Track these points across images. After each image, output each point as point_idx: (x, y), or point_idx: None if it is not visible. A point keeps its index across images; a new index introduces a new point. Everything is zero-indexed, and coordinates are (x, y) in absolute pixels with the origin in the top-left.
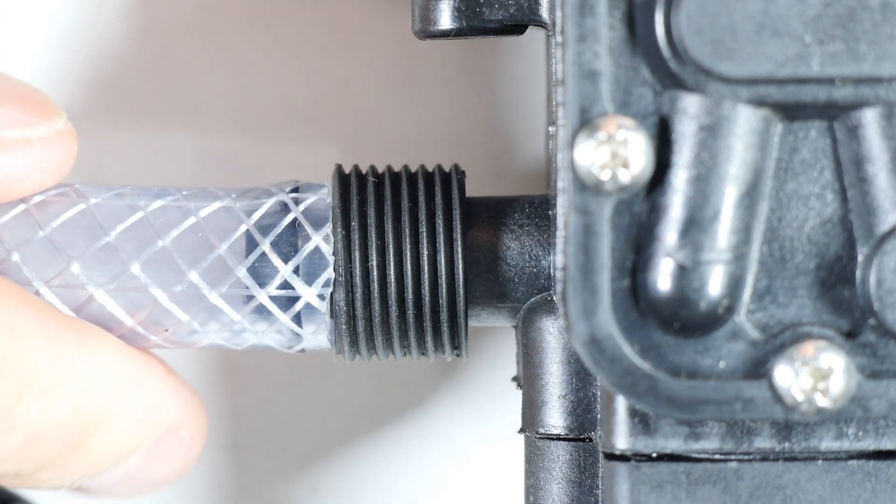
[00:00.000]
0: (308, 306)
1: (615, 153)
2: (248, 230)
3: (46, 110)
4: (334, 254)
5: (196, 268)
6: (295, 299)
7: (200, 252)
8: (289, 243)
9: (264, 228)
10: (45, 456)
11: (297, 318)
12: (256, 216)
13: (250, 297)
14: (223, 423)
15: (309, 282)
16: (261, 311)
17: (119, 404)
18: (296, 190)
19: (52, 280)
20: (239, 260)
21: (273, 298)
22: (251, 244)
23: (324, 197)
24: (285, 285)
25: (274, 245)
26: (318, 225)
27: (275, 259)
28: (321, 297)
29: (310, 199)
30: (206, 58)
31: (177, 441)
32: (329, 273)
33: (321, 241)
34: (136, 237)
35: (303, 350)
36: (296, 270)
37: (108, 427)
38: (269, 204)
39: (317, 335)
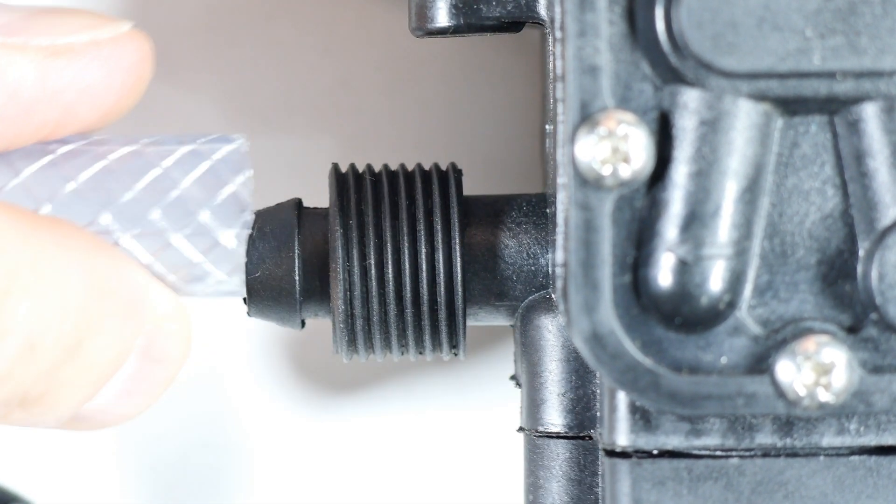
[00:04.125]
0: (223, 248)
1: (616, 148)
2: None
3: (109, 18)
4: (332, 252)
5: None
6: (212, 241)
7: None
8: (205, 188)
9: (180, 172)
10: (45, 363)
11: (212, 260)
12: (170, 161)
13: (166, 240)
14: (222, 423)
15: (227, 225)
16: (175, 250)
17: (105, 301)
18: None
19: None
20: (155, 201)
21: (189, 237)
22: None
23: (238, 147)
24: (200, 229)
25: (190, 189)
26: (234, 172)
27: (191, 201)
28: (238, 238)
29: (226, 149)
30: (206, 57)
31: (167, 335)
32: (248, 216)
33: (240, 186)
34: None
35: (214, 293)
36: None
37: (99, 326)
38: (182, 151)
39: (232, 276)
